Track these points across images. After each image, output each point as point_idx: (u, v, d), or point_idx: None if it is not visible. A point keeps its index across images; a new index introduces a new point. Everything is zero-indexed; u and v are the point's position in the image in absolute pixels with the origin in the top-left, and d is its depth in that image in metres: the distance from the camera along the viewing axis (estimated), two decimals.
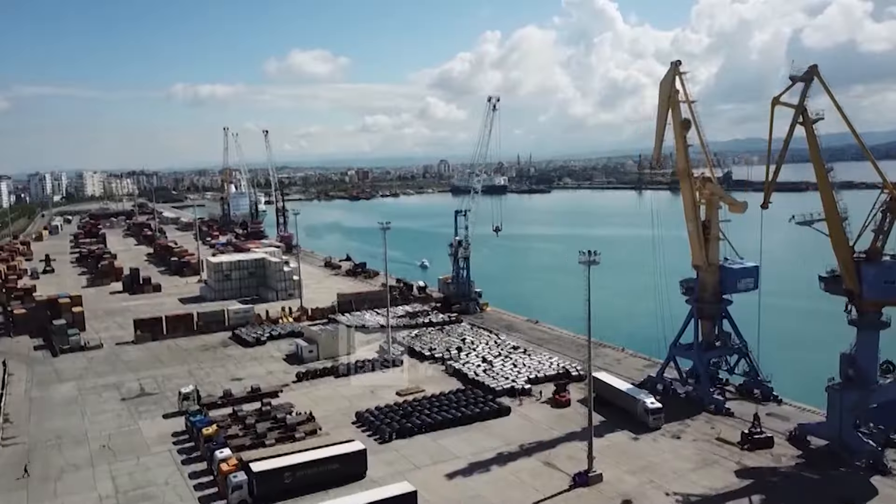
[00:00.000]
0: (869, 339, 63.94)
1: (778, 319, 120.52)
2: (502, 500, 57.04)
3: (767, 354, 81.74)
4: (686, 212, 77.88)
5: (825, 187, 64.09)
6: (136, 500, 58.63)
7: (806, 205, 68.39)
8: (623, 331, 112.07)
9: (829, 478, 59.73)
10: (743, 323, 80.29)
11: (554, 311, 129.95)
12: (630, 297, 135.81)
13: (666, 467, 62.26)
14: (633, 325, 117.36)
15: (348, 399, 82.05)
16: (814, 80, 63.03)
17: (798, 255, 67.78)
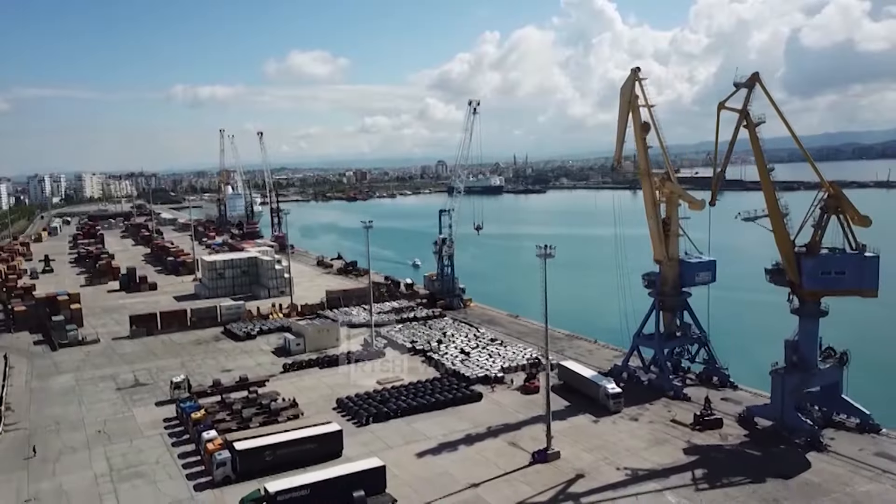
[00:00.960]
0: (810, 327, 68.85)
1: (737, 310, 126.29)
2: (467, 476, 61.78)
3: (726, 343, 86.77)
4: (647, 209, 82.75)
5: (767, 186, 69.01)
6: (128, 478, 63.41)
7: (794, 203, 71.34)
8: (598, 324, 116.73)
9: (770, 454, 64.52)
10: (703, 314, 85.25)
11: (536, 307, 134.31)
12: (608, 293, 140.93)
13: (620, 446, 67.10)
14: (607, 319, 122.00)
15: (331, 387, 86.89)
16: (755, 86, 67.82)
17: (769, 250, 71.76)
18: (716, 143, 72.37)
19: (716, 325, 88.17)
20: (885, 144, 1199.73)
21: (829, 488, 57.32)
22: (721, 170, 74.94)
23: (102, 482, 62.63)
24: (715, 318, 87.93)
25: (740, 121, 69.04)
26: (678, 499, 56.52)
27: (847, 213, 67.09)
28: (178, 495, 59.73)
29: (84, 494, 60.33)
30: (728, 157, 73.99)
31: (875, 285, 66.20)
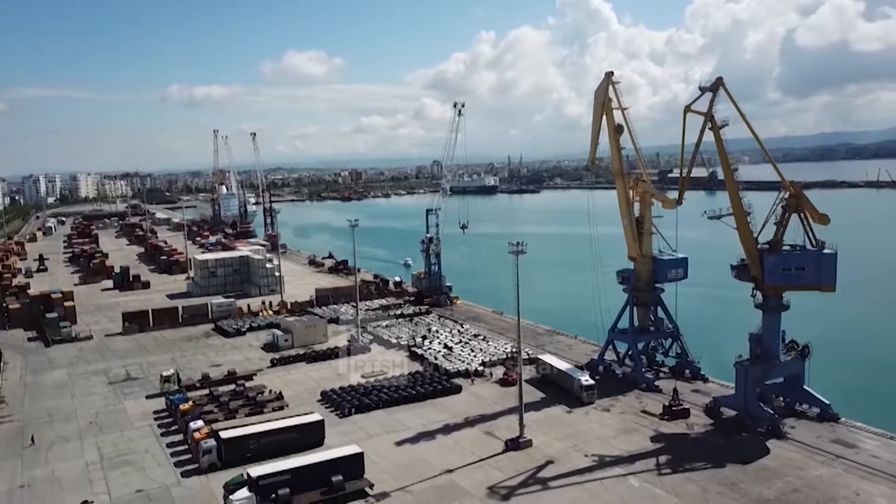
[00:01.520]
0: (772, 321, 71.97)
1: (709, 305, 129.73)
2: (442, 463, 64.65)
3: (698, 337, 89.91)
4: (620, 209, 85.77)
5: (731, 185, 72.03)
6: (118, 465, 66.14)
7: None
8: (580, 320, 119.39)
9: (732, 442, 67.55)
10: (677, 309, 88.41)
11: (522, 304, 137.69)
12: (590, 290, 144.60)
13: (591, 435, 70.09)
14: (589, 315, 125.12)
15: (316, 381, 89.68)
16: (719, 89, 70.86)
17: None
18: (682, 145, 75.46)
19: (689, 319, 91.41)
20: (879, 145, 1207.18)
21: (784, 472, 60.39)
22: (688, 170, 77.94)
23: (93, 469, 65.34)
24: (688, 314, 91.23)
25: (705, 123, 72.12)
26: (640, 483, 59.48)
27: (807, 212, 70.17)
28: (166, 481, 62.49)
29: (75, 480, 63.00)
30: (693, 159, 76.94)
31: (832, 281, 69.31)
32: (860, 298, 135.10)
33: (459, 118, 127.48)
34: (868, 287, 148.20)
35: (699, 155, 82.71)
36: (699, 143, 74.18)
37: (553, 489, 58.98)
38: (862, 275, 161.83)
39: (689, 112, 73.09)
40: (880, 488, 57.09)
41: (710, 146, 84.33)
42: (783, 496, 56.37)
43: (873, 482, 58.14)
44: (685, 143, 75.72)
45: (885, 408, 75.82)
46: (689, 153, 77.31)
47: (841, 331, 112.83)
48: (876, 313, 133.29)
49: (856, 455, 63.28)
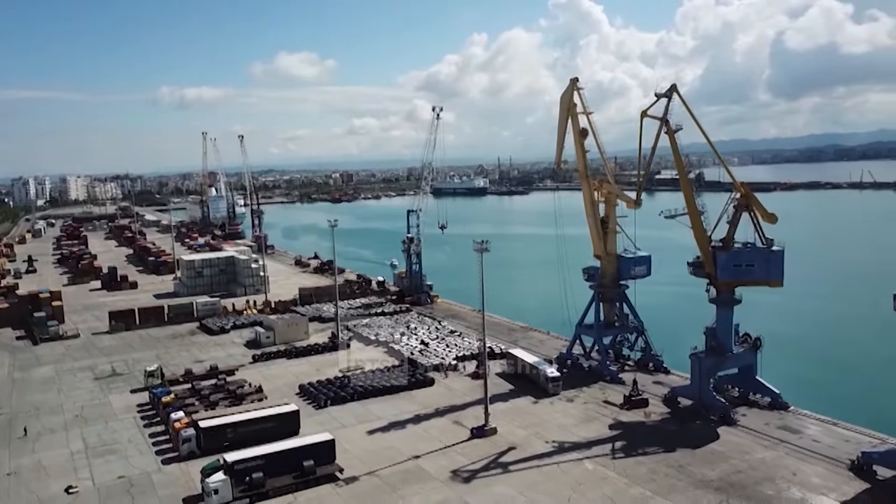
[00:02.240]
0: (725, 315, 75.98)
1: (673, 301, 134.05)
2: (411, 450, 68.21)
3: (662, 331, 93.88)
4: (586, 209, 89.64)
5: (686, 186, 76.01)
6: (102, 454, 69.37)
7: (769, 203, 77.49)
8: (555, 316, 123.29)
9: (686, 429, 71.45)
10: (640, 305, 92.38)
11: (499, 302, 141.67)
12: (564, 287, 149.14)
13: (553, 423, 73.86)
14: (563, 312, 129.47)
15: (295, 375, 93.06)
16: (673, 95, 74.84)
17: None
18: (639, 148, 79.38)
19: (653, 315, 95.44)
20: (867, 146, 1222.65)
21: (730, 455, 64.34)
22: (645, 172, 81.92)
23: (78, 458, 68.55)
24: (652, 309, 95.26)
25: (661, 128, 76.03)
26: (595, 466, 63.28)
27: (757, 212, 74.23)
28: (147, 468, 65.80)
29: (60, 468, 66.19)
30: (650, 161, 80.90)
31: (780, 276, 73.40)
32: (813, 294, 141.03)
33: (438, 121, 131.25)
34: (819, 283, 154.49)
35: (685, 157, 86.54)
36: (655, 146, 78.07)
37: (512, 472, 62.67)
38: (820, 271, 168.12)
39: (646, 117, 76.93)
40: (816, 469, 61.09)
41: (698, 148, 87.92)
42: (725, 476, 60.28)
43: (811, 464, 62.16)
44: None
45: (831, 396, 79.95)
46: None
47: (792, 324, 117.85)
48: (826, 308, 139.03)
49: (799, 440, 67.30)
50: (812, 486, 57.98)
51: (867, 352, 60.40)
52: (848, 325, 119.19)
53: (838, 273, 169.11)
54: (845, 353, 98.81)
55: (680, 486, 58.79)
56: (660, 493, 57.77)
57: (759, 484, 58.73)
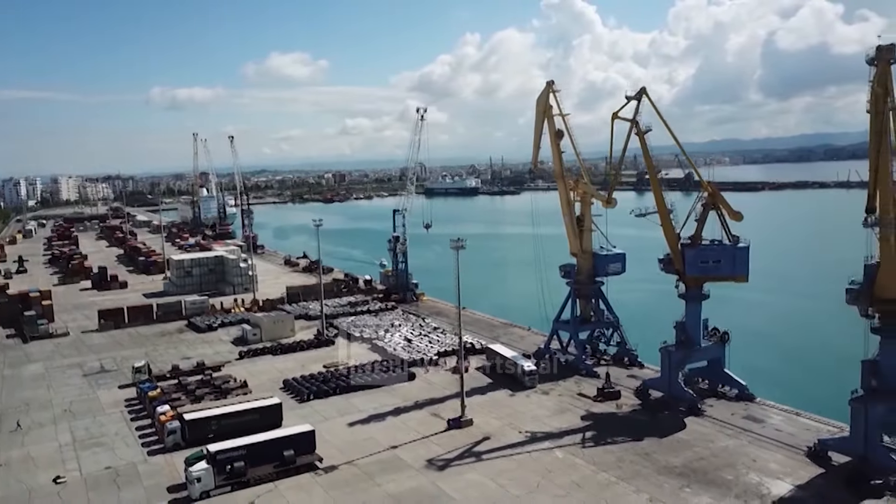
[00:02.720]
0: (694, 309, 78.72)
1: (647, 297, 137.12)
2: (389, 440, 70.66)
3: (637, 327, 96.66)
4: (562, 208, 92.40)
5: (655, 186, 78.70)
6: (89, 446, 71.50)
7: (754, 202, 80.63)
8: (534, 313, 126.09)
9: (655, 419, 74.12)
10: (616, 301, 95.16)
11: (484, 300, 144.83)
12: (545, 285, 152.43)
13: (528, 415, 76.45)
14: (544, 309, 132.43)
15: (280, 371, 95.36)
16: (642, 98, 77.51)
17: None
18: (610, 149, 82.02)
19: (628, 310, 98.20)
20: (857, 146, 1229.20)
21: (694, 443, 67.11)
22: (616, 172, 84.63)
23: (66, 450, 70.66)
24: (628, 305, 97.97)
25: (631, 129, 78.70)
26: (564, 454, 65.88)
27: (723, 210, 77.00)
28: (133, 459, 67.99)
29: (49, 460, 68.25)
30: (621, 161, 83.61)
31: (745, 272, 76.17)
32: (781, 289, 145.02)
33: (422, 122, 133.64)
34: (787, 278, 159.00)
35: (675, 157, 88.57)
36: (625, 147, 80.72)
37: (485, 461, 65.20)
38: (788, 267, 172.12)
39: (616, 119, 79.57)
40: (776, 456, 63.88)
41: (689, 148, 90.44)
42: (688, 463, 63.02)
43: (771, 451, 64.95)
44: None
45: (795, 388, 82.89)
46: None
47: (760, 319, 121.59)
48: (792, 303, 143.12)
49: (762, 429, 70.11)
50: (769, 472, 60.74)
51: (830, 345, 63.21)
52: (813, 319, 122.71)
53: (807, 269, 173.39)
54: (810, 346, 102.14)
55: (644, 472, 61.45)
56: (624, 478, 60.42)
57: (719, 470, 61.47)
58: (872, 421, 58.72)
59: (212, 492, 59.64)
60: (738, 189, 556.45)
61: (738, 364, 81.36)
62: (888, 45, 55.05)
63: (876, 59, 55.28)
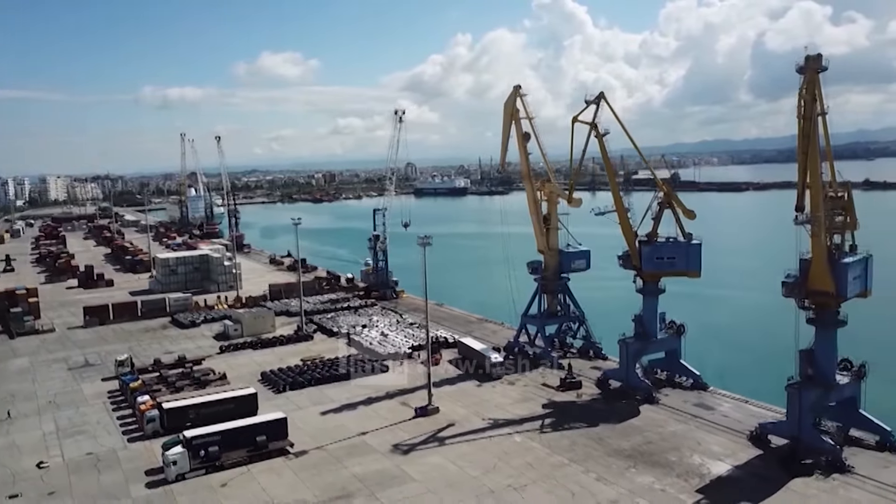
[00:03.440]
0: (650, 303, 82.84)
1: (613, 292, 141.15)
2: (358, 427, 74.38)
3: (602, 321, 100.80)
4: (529, 207, 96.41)
5: (614, 186, 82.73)
6: (72, 435, 74.85)
7: (735, 202, 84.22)
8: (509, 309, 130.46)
9: (612, 407, 78.17)
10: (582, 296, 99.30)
11: (463, 297, 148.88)
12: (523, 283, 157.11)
13: (492, 403, 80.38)
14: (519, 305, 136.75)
15: (259, 364, 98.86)
16: (601, 102, 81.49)
17: None
18: (570, 151, 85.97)
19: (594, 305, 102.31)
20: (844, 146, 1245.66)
21: (645, 429, 71.25)
22: (575, 173, 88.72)
23: (49, 438, 74.00)
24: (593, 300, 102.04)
25: (590, 132, 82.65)
26: (523, 439, 69.86)
27: (678, 209, 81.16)
28: (114, 445, 71.44)
29: (33, 447, 71.58)
30: (581, 163, 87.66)
31: (698, 268, 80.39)
32: (736, 284, 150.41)
33: (401, 124, 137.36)
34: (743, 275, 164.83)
35: (663, 159, 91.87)
36: (585, 148, 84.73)
37: (447, 445, 69.05)
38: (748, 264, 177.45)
39: (577, 122, 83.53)
40: (720, 440, 68.09)
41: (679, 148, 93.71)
42: (637, 446, 67.11)
43: (716, 435, 69.17)
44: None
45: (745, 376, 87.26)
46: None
47: (715, 312, 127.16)
48: (746, 297, 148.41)
49: (710, 415, 74.34)
50: (712, 454, 64.90)
51: (779, 336, 67.21)
52: (764, 311, 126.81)
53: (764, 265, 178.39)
54: (760, 338, 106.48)
55: (595, 455, 65.49)
56: (576, 460, 64.44)
57: (665, 452, 65.59)
58: (805, 405, 62.85)
59: (187, 474, 63.22)
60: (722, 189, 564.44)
61: (693, 355, 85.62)
62: (815, 55, 59.17)
63: (804, 68, 59.34)
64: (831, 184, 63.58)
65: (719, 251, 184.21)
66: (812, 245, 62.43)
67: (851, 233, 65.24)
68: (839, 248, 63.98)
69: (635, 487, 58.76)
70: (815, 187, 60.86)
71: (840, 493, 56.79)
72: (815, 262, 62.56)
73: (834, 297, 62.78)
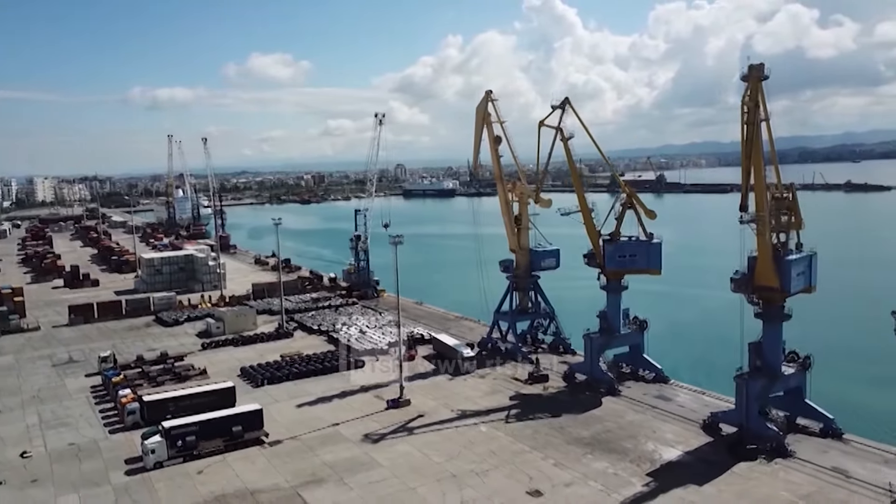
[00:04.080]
0: (614, 300, 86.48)
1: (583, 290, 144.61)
2: (332, 419, 77.50)
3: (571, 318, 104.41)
4: (501, 207, 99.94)
5: (578, 187, 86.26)
6: (55, 427, 77.52)
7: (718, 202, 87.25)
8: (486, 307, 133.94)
9: (576, 399, 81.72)
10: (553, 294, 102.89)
11: (443, 296, 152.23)
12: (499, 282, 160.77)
13: (461, 395, 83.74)
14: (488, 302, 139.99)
15: (239, 360, 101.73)
16: (566, 106, 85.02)
17: None
18: (537, 154, 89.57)
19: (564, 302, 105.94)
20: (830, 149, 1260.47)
21: (605, 418, 74.82)
22: (542, 175, 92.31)
23: (33, 430, 76.66)
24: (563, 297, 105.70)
25: (556, 136, 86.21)
26: (488, 428, 73.25)
27: (639, 209, 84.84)
28: (95, 437, 74.19)
29: (17, 438, 74.19)
30: (547, 165, 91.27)
31: (658, 266, 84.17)
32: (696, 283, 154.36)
33: (381, 127, 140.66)
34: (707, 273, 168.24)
35: (648, 161, 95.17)
36: (550, 153, 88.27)
37: (415, 435, 72.31)
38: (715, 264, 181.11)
39: (543, 126, 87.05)
40: (674, 428, 71.75)
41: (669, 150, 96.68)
42: (596, 434, 70.67)
43: (671, 424, 72.84)
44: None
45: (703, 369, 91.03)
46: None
47: (677, 309, 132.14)
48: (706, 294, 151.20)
49: (668, 406, 78.02)
50: (665, 441, 68.54)
51: (736, 330, 70.87)
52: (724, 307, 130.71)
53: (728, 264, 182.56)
54: (719, 332, 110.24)
55: (555, 443, 68.96)
56: (537, 448, 67.87)
57: (622, 440, 69.16)
58: (752, 395, 66.58)
59: (165, 462, 66.19)
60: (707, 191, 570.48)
61: (656, 350, 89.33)
62: (758, 64, 62.93)
63: (748, 76, 63.12)
64: (777, 186, 67.20)
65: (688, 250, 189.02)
66: (757, 243, 66.20)
67: (797, 232, 69.05)
68: (784, 246, 67.75)
69: (590, 472, 62.27)
70: (759, 189, 64.63)
71: (780, 475, 60.51)
72: (761, 259, 66.34)
73: (779, 292, 66.57)
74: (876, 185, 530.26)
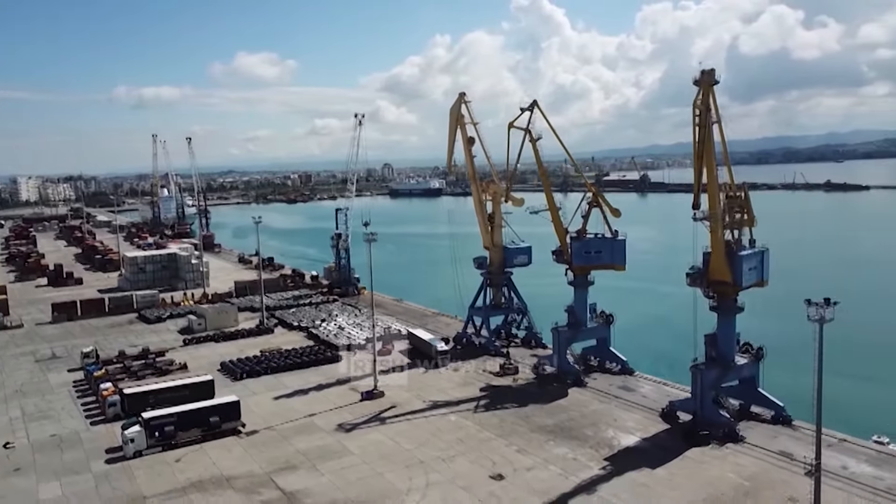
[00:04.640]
0: (581, 295, 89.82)
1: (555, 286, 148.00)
2: (307, 410, 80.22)
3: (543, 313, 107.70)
4: (475, 207, 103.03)
5: (546, 186, 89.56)
6: (38, 419, 79.73)
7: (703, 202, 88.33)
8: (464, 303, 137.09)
9: (544, 390, 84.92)
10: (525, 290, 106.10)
11: (422, 293, 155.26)
12: None
13: (434, 387, 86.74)
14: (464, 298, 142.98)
15: (220, 355, 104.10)
16: (534, 109, 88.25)
17: None
18: (507, 155, 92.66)
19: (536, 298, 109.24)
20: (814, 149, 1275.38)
21: (570, 408, 78.10)
22: (510, 175, 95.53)
23: (16, 422, 78.83)
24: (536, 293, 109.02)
25: (524, 137, 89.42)
26: (457, 418, 76.28)
27: (605, 207, 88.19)
28: (77, 428, 76.50)
29: (0, 430, 76.38)
30: (516, 165, 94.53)
31: (623, 262, 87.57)
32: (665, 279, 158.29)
33: (360, 127, 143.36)
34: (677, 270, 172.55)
35: (633, 161, 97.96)
36: (520, 153, 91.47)
37: (387, 424, 75.24)
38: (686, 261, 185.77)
39: (512, 128, 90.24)
40: (635, 416, 75.15)
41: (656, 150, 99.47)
42: (560, 423, 73.90)
43: (632, 412, 76.22)
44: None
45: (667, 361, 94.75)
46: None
47: (644, 303, 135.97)
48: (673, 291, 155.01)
49: (631, 396, 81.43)
50: (625, 428, 71.90)
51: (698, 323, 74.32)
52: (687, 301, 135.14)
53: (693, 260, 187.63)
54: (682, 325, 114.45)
55: (520, 431, 72.10)
56: (502, 435, 70.99)
57: (584, 427, 72.44)
58: (706, 384, 70.07)
59: (144, 451, 68.69)
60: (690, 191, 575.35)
61: (622, 343, 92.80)
62: (710, 69, 66.37)
63: (700, 81, 66.52)
64: (730, 185, 70.70)
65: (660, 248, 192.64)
66: (711, 239, 69.69)
67: (749, 228, 72.59)
68: (738, 242, 71.28)
69: (550, 457, 65.48)
70: (712, 187, 68.08)
71: (729, 459, 64.00)
72: (714, 254, 69.87)
73: (732, 286, 70.12)
74: (854, 184, 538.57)
